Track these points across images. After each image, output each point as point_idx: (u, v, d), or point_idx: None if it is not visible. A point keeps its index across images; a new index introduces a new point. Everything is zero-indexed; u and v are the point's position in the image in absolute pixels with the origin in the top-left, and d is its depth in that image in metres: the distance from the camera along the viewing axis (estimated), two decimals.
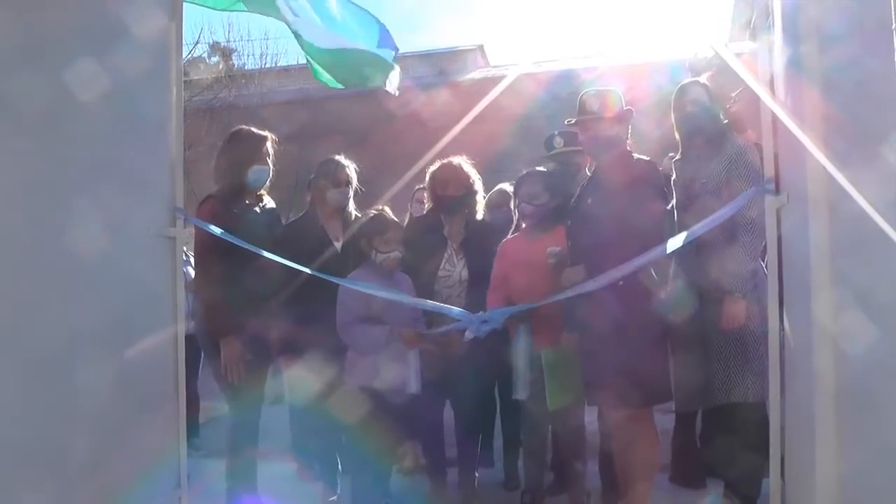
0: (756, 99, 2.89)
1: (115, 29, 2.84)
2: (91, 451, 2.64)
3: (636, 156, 3.46)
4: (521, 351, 3.63)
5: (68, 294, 2.58)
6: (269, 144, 3.87)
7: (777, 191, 2.78)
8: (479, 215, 4.19)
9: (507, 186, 4.55)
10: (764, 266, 3.18)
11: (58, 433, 2.51)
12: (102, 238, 2.72)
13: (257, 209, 3.84)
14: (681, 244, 3.05)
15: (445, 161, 4.14)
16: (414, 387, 3.59)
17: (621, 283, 3.15)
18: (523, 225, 3.90)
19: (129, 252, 2.96)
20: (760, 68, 2.85)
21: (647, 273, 3.27)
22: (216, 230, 3.40)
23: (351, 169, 4.18)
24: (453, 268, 3.96)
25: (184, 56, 3.82)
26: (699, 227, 3.02)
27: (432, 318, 3.79)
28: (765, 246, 3.21)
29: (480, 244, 4.00)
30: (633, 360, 3.12)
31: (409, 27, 30.56)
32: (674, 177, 3.55)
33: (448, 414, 4.11)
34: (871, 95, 2.03)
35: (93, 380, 2.67)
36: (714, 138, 3.42)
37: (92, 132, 2.72)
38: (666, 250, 3.07)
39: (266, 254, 3.36)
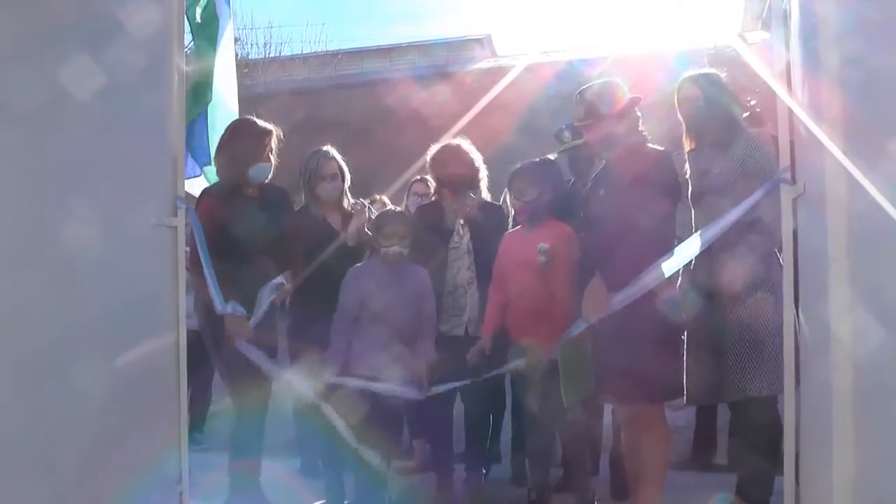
0: (774, 91, 2.83)
1: (116, 18, 2.80)
2: (91, 445, 2.62)
3: (649, 146, 3.38)
4: None
5: (69, 286, 2.55)
6: (271, 139, 3.77)
7: (793, 181, 2.74)
8: (485, 195, 4.15)
9: None
10: (780, 257, 3.13)
11: (57, 426, 2.47)
12: (104, 228, 2.69)
13: (256, 198, 3.74)
14: (697, 251, 3.12)
15: (444, 143, 4.11)
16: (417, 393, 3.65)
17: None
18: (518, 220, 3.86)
19: (131, 243, 2.93)
20: (776, 60, 2.80)
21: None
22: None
23: (338, 161, 4.02)
24: (461, 239, 3.98)
25: (186, 45, 3.75)
26: (713, 231, 3.06)
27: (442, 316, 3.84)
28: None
29: (484, 218, 3.99)
30: (644, 356, 3.07)
31: (414, 17, 30.43)
32: (688, 168, 3.48)
33: (457, 409, 4.08)
34: (888, 89, 1.99)
35: (94, 373, 2.65)
36: (724, 132, 3.34)
37: (90, 124, 2.67)
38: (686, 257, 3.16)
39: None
